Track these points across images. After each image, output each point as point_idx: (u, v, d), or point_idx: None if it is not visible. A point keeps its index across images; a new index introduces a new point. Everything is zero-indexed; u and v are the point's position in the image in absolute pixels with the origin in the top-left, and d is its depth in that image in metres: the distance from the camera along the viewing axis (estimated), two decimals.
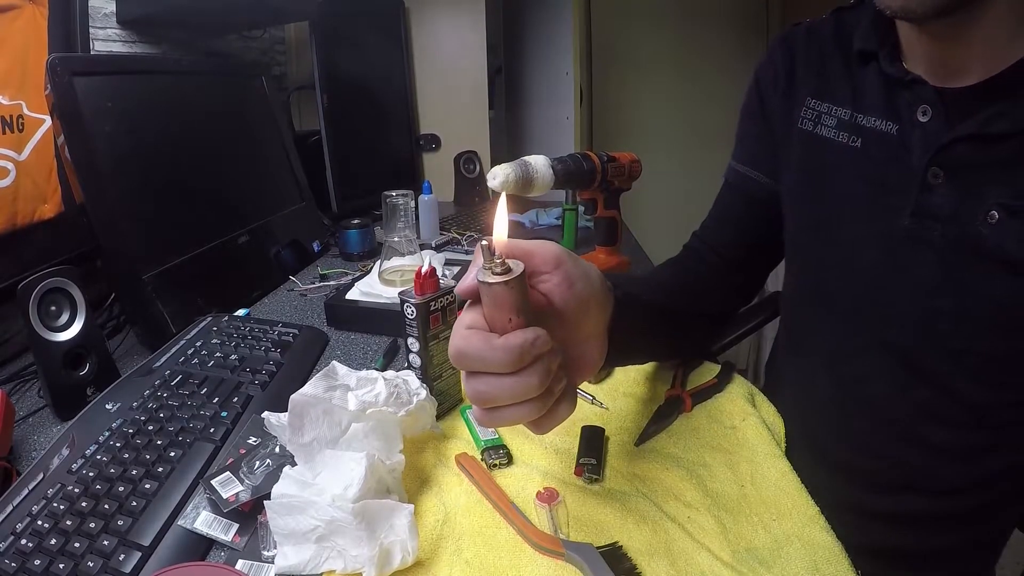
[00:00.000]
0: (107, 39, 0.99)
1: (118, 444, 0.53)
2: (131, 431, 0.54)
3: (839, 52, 0.59)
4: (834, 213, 0.58)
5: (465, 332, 0.35)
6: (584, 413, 0.61)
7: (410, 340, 0.58)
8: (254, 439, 0.53)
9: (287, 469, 0.45)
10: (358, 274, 1.01)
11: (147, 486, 0.48)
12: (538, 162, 0.81)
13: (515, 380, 0.34)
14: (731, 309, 0.73)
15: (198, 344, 0.71)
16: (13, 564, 0.42)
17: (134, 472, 0.49)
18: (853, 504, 0.58)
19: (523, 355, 0.34)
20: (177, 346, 0.70)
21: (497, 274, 0.34)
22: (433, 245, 1.22)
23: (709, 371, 0.67)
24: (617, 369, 0.67)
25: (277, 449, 0.51)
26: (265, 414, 0.49)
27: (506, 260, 0.34)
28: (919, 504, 0.58)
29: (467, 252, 1.17)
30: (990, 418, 0.53)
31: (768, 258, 0.71)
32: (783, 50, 0.64)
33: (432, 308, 0.57)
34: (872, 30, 0.55)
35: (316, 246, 1.19)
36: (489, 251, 0.34)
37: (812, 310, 0.64)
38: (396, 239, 0.88)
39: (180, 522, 0.46)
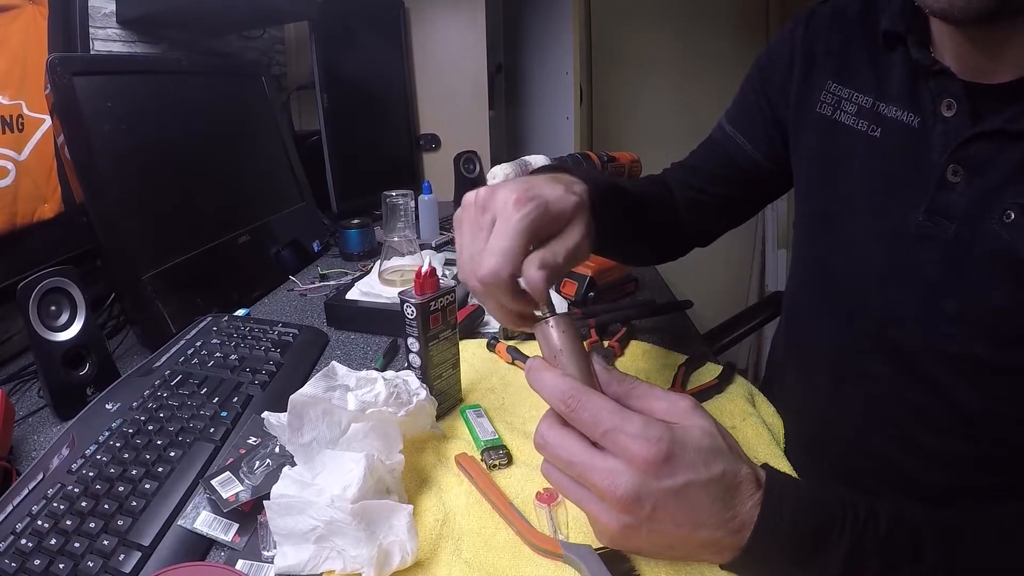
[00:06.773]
0: (107, 39, 0.99)
1: (118, 444, 0.53)
2: (131, 431, 0.54)
3: (865, 35, 0.57)
4: (846, 203, 0.57)
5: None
6: None
7: (410, 340, 0.58)
8: (254, 439, 0.53)
9: (287, 469, 0.45)
10: (358, 274, 1.01)
11: (147, 486, 0.48)
12: (538, 162, 0.82)
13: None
14: (679, 246, 0.76)
15: (198, 344, 0.71)
16: (13, 564, 0.42)
17: (134, 472, 0.49)
18: None
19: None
20: (177, 346, 0.70)
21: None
22: (433, 245, 1.22)
23: (709, 371, 0.67)
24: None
25: (277, 449, 0.51)
26: (265, 414, 0.49)
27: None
28: None
29: None
30: (983, 430, 0.52)
31: (727, 218, 0.74)
32: (805, 31, 0.62)
33: (432, 308, 0.57)
34: (902, 13, 0.53)
35: (316, 246, 1.19)
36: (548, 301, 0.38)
37: (816, 303, 0.63)
38: (396, 239, 0.88)
39: (180, 522, 0.46)
